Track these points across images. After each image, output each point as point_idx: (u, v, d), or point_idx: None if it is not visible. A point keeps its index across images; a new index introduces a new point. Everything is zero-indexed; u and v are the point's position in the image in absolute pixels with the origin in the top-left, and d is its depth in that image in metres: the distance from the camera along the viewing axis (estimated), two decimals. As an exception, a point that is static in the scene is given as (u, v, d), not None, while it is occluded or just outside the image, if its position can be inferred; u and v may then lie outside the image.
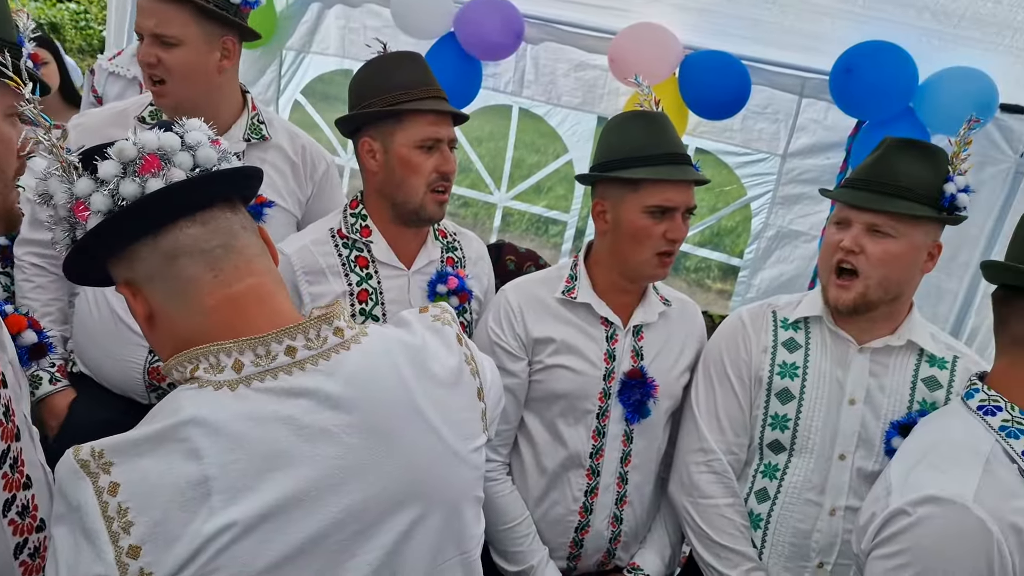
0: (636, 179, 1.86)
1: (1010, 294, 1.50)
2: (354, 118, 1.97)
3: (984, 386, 1.50)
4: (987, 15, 2.76)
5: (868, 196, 1.82)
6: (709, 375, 2.01)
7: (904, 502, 1.37)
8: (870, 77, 3.01)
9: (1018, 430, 1.41)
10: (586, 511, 2.00)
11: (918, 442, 1.53)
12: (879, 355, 1.88)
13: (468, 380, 1.24)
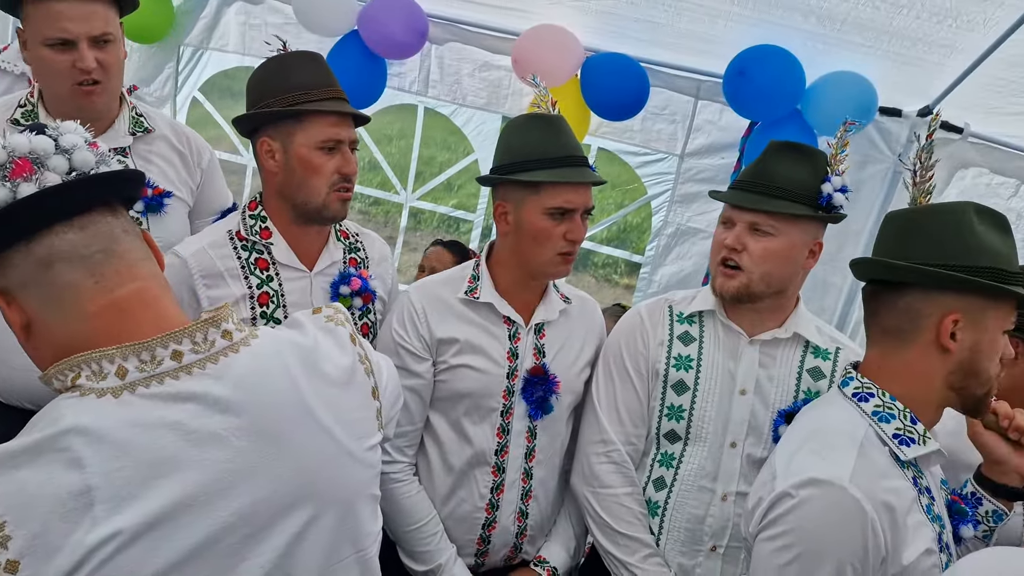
0: (536, 182, 1.90)
1: (879, 288, 1.57)
2: (252, 117, 1.94)
3: (858, 375, 1.58)
4: (867, 20, 2.90)
5: (749, 197, 1.91)
6: (609, 368, 2.07)
7: (787, 485, 1.44)
8: (760, 80, 3.15)
9: (888, 414, 1.50)
10: (492, 508, 2.03)
11: (800, 429, 1.61)
12: (768, 347, 1.97)
13: (362, 379, 1.24)
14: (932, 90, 3.16)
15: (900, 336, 1.52)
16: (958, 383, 1.51)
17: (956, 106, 3.20)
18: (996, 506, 1.68)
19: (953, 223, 1.51)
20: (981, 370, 1.51)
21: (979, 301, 1.48)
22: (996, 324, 1.51)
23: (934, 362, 1.50)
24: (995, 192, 3.36)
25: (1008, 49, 2.78)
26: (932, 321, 1.48)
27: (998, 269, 1.48)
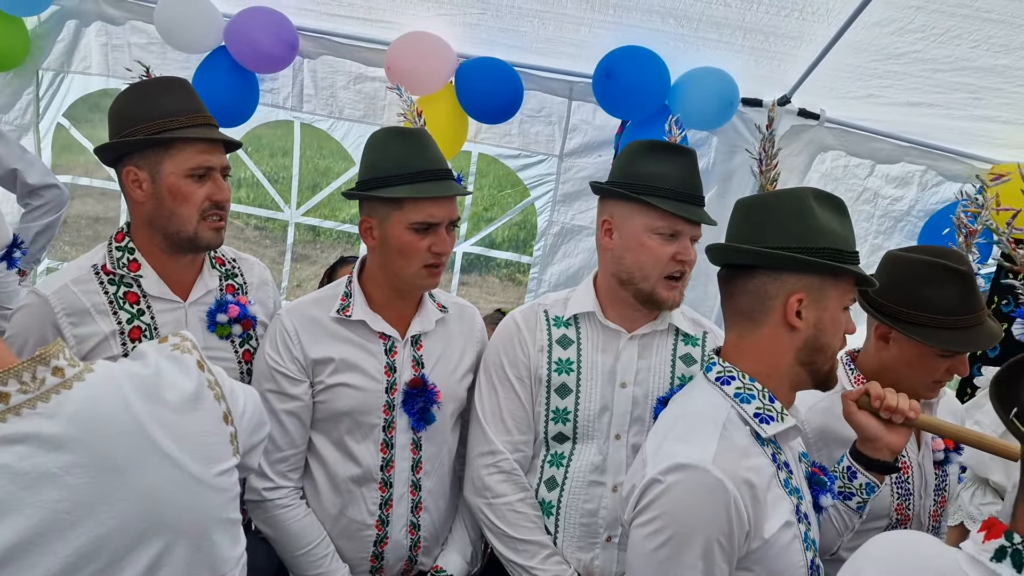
0: (398, 198, 1.91)
1: (732, 273, 1.65)
2: (116, 146, 1.90)
3: (720, 359, 1.66)
4: (720, 17, 3.03)
5: (698, 211, 1.95)
6: (491, 378, 2.09)
7: (656, 472, 1.50)
8: (628, 80, 3.24)
9: (749, 395, 1.58)
10: (383, 523, 2.03)
11: (668, 416, 1.68)
12: (645, 340, 2.04)
13: (211, 405, 1.23)
14: (788, 80, 3.32)
15: (753, 317, 1.60)
16: (807, 359, 1.59)
17: (812, 93, 3.38)
18: (869, 479, 1.78)
19: (795, 208, 1.59)
20: (826, 345, 1.60)
21: (820, 280, 1.57)
22: (836, 302, 1.60)
23: (784, 340, 1.58)
24: (852, 173, 3.56)
25: (851, 36, 2.94)
26: (780, 301, 1.56)
27: (836, 250, 1.57)
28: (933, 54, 2.93)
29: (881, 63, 3.06)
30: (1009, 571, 0.98)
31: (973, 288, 1.94)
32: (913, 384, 1.95)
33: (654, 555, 1.48)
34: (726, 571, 1.47)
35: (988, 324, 1.96)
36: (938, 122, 3.32)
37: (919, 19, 2.76)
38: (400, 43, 3.40)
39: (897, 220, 3.64)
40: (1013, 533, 1.00)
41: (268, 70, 3.57)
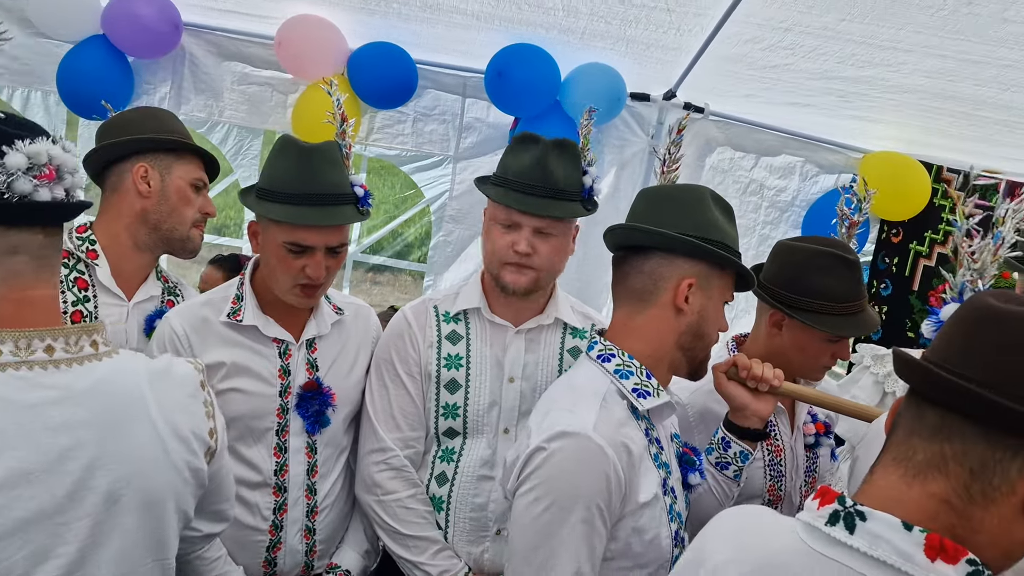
0: (273, 217, 1.89)
1: (628, 254, 1.72)
2: (138, 142, 2.12)
3: (601, 339, 1.73)
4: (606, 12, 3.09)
5: (537, 201, 1.93)
6: (381, 375, 2.09)
7: (540, 440, 1.54)
8: (518, 77, 3.27)
9: (628, 371, 1.65)
10: (276, 528, 2.00)
11: (552, 392, 1.73)
12: (532, 334, 2.07)
13: (200, 410, 1.42)
14: (672, 76, 3.41)
15: (643, 297, 1.68)
16: (687, 344, 1.69)
17: (696, 89, 3.49)
18: (743, 447, 1.88)
19: (693, 200, 1.69)
20: (706, 333, 1.70)
21: (709, 269, 1.67)
22: (720, 293, 1.71)
23: (670, 322, 1.67)
24: (739, 165, 3.69)
25: (727, 50, 3.08)
26: (671, 283, 1.65)
27: (726, 245, 1.68)
28: (803, 67, 3.13)
29: (757, 71, 3.23)
30: (843, 533, 1.03)
31: (859, 276, 2.07)
32: (802, 368, 2.07)
33: (536, 521, 1.51)
34: (604, 535, 1.53)
35: (869, 311, 2.10)
36: (814, 119, 3.49)
37: (788, 39, 2.94)
38: (292, 24, 3.32)
39: (783, 210, 3.79)
40: (845, 497, 1.06)
41: (150, 53, 3.39)
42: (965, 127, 3.37)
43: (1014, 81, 3.01)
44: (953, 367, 1.01)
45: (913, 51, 2.93)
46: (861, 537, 1.02)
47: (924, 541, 0.98)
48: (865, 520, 1.02)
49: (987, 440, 0.99)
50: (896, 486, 1.04)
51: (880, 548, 1.00)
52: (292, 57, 3.34)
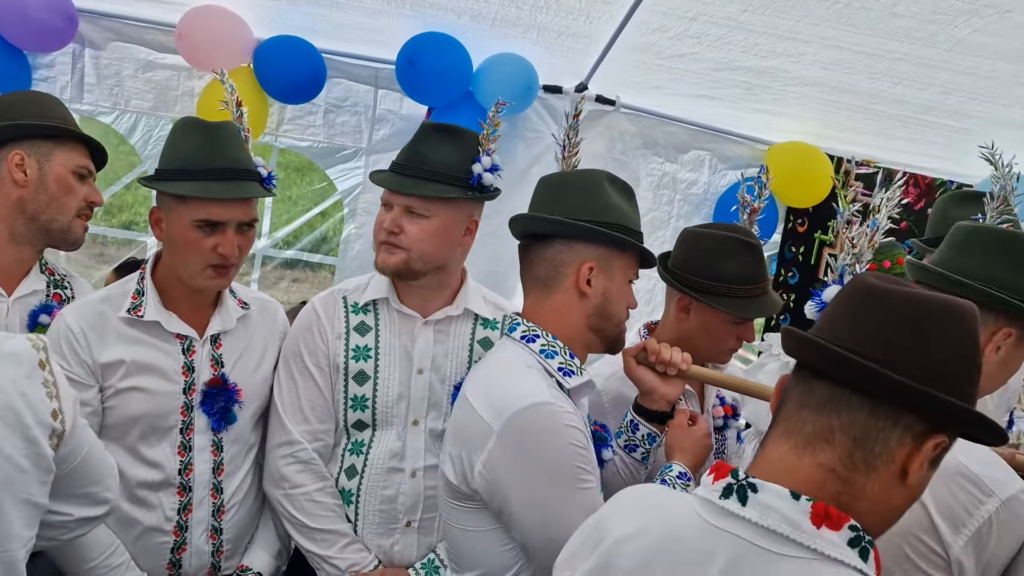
0: (182, 194, 1.85)
1: (531, 242, 1.78)
2: (15, 127, 2.01)
3: (524, 320, 1.76)
4: (514, 18, 3.12)
5: (404, 181, 1.96)
6: (289, 367, 2.05)
7: (511, 415, 1.56)
8: (430, 67, 3.25)
9: (552, 351, 1.70)
10: (181, 529, 1.95)
11: (480, 376, 1.75)
12: (441, 325, 2.06)
13: (39, 390, 1.32)
14: (583, 67, 3.45)
15: (548, 283, 1.74)
16: (596, 325, 1.75)
17: (608, 81, 3.53)
18: (651, 429, 1.94)
19: (589, 186, 1.75)
20: (612, 313, 1.77)
21: (609, 252, 1.74)
22: (622, 273, 1.77)
23: (576, 305, 1.73)
24: (651, 159, 3.75)
25: (636, 39, 3.12)
26: (572, 268, 1.71)
27: (624, 226, 1.74)
28: (709, 56, 3.20)
29: (666, 60, 3.29)
30: (736, 505, 1.07)
31: (762, 260, 2.16)
32: (710, 351, 2.13)
33: (537, 497, 1.56)
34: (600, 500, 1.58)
35: (771, 293, 2.18)
36: (721, 111, 3.58)
37: (693, 28, 3.01)
38: (193, 15, 3.21)
39: (695, 203, 3.88)
40: (738, 471, 1.10)
41: (44, 47, 3.23)
42: (861, 120, 3.52)
43: (905, 75, 3.15)
44: (841, 343, 1.05)
45: (812, 42, 3.03)
46: (753, 508, 1.05)
47: (810, 509, 1.02)
48: (756, 492, 1.06)
49: (871, 411, 1.04)
50: (787, 457, 1.08)
51: (770, 518, 1.04)
52: (194, 50, 3.23)
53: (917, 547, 1.47)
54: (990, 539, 1.45)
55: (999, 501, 1.44)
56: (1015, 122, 3.41)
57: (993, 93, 3.29)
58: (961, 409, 1.04)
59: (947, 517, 1.46)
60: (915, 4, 2.71)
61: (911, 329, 1.04)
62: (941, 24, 2.81)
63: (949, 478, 1.45)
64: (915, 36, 2.91)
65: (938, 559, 1.46)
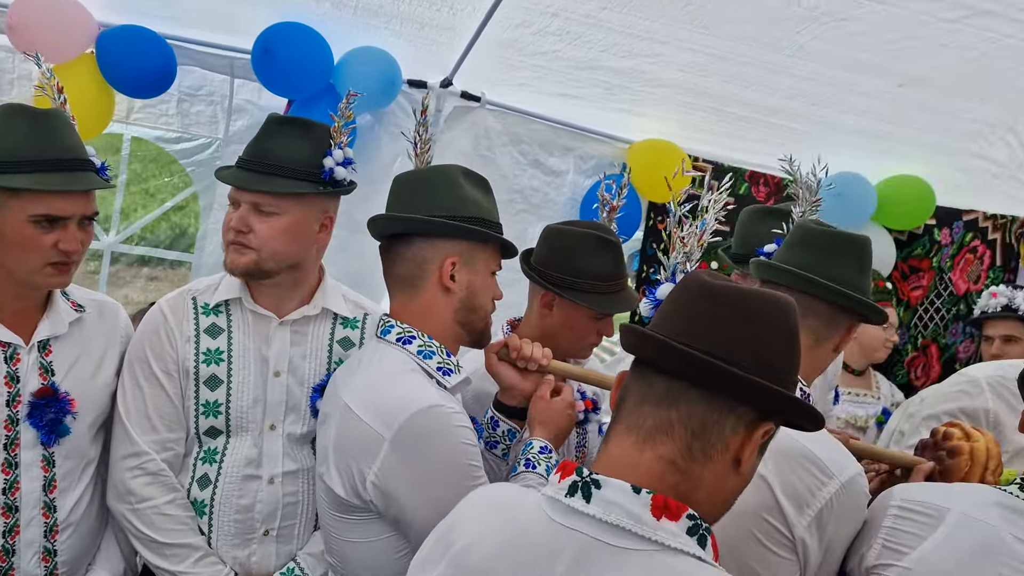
0: (14, 187, 1.69)
1: (391, 242, 1.77)
2: None
3: (397, 321, 1.73)
4: (376, 6, 3.05)
5: (250, 177, 1.88)
6: (135, 374, 1.93)
7: (402, 422, 1.55)
8: (288, 58, 3.13)
9: (430, 352, 1.71)
10: (7, 553, 1.80)
11: (360, 384, 1.69)
12: (298, 325, 1.99)
13: None
14: (448, 62, 3.42)
15: (412, 282, 1.73)
16: (463, 319, 1.77)
17: (473, 77, 3.51)
18: (511, 426, 1.94)
19: (446, 182, 1.75)
20: (479, 306, 1.78)
21: (470, 246, 1.75)
22: (485, 266, 1.79)
23: (442, 302, 1.73)
24: (515, 156, 3.76)
25: (499, 34, 3.12)
26: (436, 265, 1.71)
27: (483, 219, 1.75)
28: (571, 55, 3.23)
29: (529, 58, 3.30)
30: (580, 502, 1.09)
31: (621, 257, 2.20)
32: (571, 346, 2.15)
33: (434, 500, 1.50)
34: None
35: (630, 289, 2.24)
36: (584, 111, 3.63)
37: (555, 24, 3.03)
38: (26, 2, 2.96)
39: (560, 201, 3.90)
40: (583, 468, 1.12)
41: None
42: (715, 122, 3.65)
43: (754, 79, 3.30)
44: (678, 338, 1.09)
45: (668, 43, 3.11)
46: (597, 504, 1.07)
47: (651, 502, 1.05)
48: (600, 488, 1.08)
49: (708, 403, 1.08)
50: (629, 452, 1.11)
51: (613, 513, 1.06)
52: (27, 41, 2.97)
53: (764, 528, 1.54)
54: (831, 519, 1.53)
55: (839, 483, 1.52)
56: (849, 127, 3.64)
57: (831, 99, 3.49)
58: (790, 398, 1.10)
59: (792, 498, 1.53)
60: (761, 9, 2.83)
61: (742, 323, 1.09)
62: (784, 30, 2.94)
63: (795, 460, 1.54)
64: (762, 41, 3.04)
65: (784, 539, 1.53)
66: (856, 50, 3.17)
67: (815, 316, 1.70)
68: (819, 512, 1.53)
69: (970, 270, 4.19)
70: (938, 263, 4.13)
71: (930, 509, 1.51)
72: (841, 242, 1.75)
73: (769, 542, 1.54)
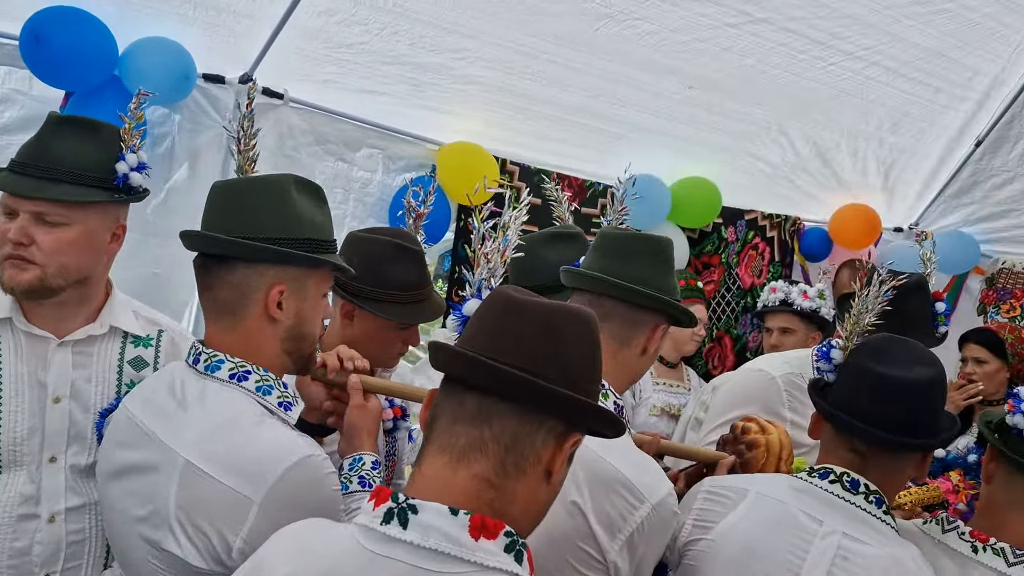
0: None
1: (211, 262, 1.56)
2: None
3: (227, 356, 1.54)
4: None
5: (32, 183, 1.69)
6: None
7: (274, 481, 1.40)
8: (63, 45, 2.85)
9: (268, 386, 1.54)
10: None
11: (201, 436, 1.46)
12: (82, 346, 1.82)
13: None
14: (248, 55, 3.26)
15: (234, 310, 1.55)
16: (291, 348, 1.61)
17: (275, 73, 3.36)
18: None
19: (275, 197, 1.57)
20: (308, 333, 1.63)
21: (301, 271, 1.58)
22: (316, 290, 1.64)
23: (268, 332, 1.57)
24: (323, 156, 3.65)
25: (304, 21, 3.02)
26: (262, 294, 1.54)
27: (316, 240, 1.60)
28: (378, 47, 3.18)
29: (334, 50, 3.21)
30: (397, 529, 1.06)
31: (424, 265, 2.18)
32: (376, 357, 2.09)
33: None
34: None
35: (434, 297, 2.22)
36: (391, 108, 3.59)
37: (360, 13, 2.96)
38: None
39: (370, 204, 3.82)
40: (398, 494, 1.10)
41: None
42: (522, 121, 3.73)
43: (557, 77, 3.39)
44: (488, 354, 1.09)
45: (475, 37, 3.12)
46: (414, 530, 1.05)
47: (468, 523, 1.05)
48: (417, 513, 1.06)
49: (519, 417, 1.09)
50: (443, 472, 1.10)
51: (431, 538, 1.04)
52: None
53: (578, 555, 1.56)
54: (642, 540, 1.58)
55: (651, 506, 1.58)
56: (649, 126, 3.85)
57: (629, 99, 3.66)
58: (596, 408, 1.14)
59: (605, 525, 1.56)
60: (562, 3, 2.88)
61: (548, 337, 1.11)
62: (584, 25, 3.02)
63: (609, 487, 1.57)
64: (564, 38, 3.11)
65: (596, 563, 1.57)
66: (650, 50, 3.33)
67: (618, 318, 1.71)
68: (631, 535, 1.57)
69: (753, 265, 4.58)
70: (726, 259, 4.47)
71: (733, 491, 1.72)
72: (641, 244, 1.78)
73: (583, 567, 1.57)
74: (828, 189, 4.48)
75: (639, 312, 1.73)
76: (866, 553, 1.56)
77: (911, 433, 1.63)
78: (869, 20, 3.44)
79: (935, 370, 1.67)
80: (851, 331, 1.77)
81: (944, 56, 3.69)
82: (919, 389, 1.64)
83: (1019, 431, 1.65)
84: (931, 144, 4.27)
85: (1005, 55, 3.74)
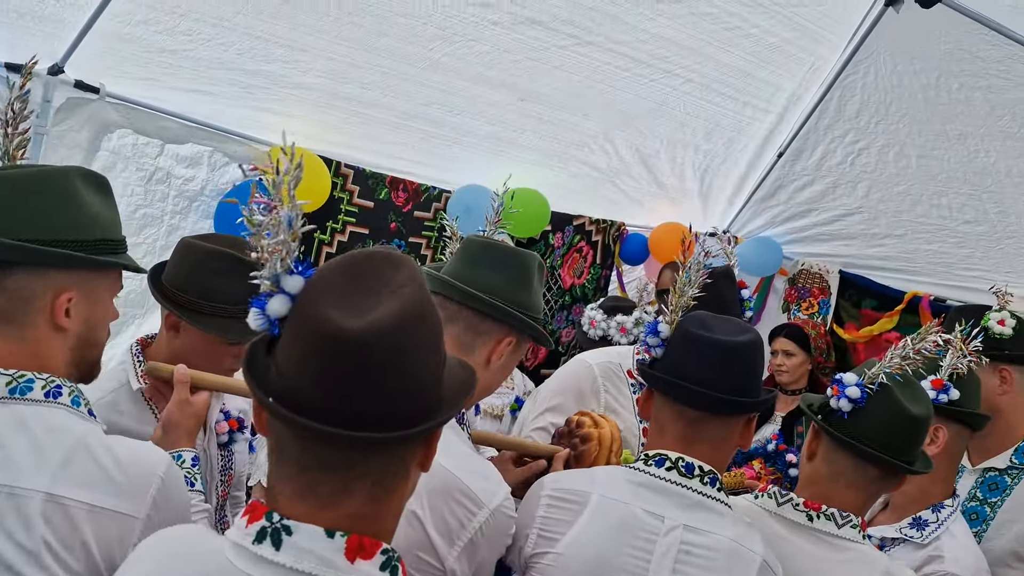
0: None
1: None
2: None
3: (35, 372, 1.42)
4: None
5: None
6: None
7: (156, 489, 1.38)
8: None
9: (76, 398, 1.45)
10: None
11: (56, 467, 1.34)
12: None
13: None
14: (57, 49, 3.05)
15: (12, 319, 1.42)
16: (79, 357, 1.51)
17: (90, 67, 3.16)
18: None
19: (61, 194, 1.45)
20: (97, 340, 1.55)
21: (91, 275, 1.49)
22: (108, 294, 1.55)
23: (55, 342, 1.46)
24: (143, 152, 3.46)
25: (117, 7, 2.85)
26: (46, 301, 1.43)
27: (106, 240, 1.50)
28: (204, 55, 3.10)
29: (155, 54, 3.09)
30: (269, 550, 1.03)
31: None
32: (207, 371, 1.99)
33: None
34: None
35: None
36: (220, 108, 3.46)
37: (185, 24, 2.91)
38: None
39: (192, 200, 3.66)
40: (273, 513, 1.05)
41: None
42: (357, 124, 3.71)
43: (391, 87, 3.43)
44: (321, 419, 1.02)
45: (308, 51, 3.11)
46: (287, 552, 1.02)
47: (345, 545, 1.03)
48: (292, 534, 1.03)
49: (387, 454, 1.07)
50: (309, 513, 1.05)
51: (305, 561, 1.02)
52: None
53: (417, 564, 1.57)
54: (480, 545, 1.61)
55: (489, 511, 1.61)
56: (483, 132, 3.95)
57: (463, 107, 3.76)
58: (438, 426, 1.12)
59: (443, 533, 1.57)
60: (397, 27, 2.95)
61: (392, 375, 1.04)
62: (418, 46, 3.11)
63: (448, 496, 1.59)
64: (398, 55, 3.18)
65: (435, 571, 1.58)
66: (483, 67, 3.46)
67: (462, 323, 1.72)
68: (469, 541, 1.59)
69: (576, 267, 4.80)
70: (551, 263, 4.65)
71: (575, 496, 1.72)
72: (501, 255, 1.78)
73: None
74: (651, 195, 4.76)
75: (484, 321, 1.73)
76: (707, 544, 1.64)
77: (742, 394, 1.71)
78: (686, 44, 3.74)
79: (756, 335, 1.78)
80: (676, 304, 1.84)
81: (749, 74, 4.04)
82: (746, 353, 1.73)
83: (842, 413, 1.82)
84: (739, 153, 4.64)
85: (800, 74, 4.15)
